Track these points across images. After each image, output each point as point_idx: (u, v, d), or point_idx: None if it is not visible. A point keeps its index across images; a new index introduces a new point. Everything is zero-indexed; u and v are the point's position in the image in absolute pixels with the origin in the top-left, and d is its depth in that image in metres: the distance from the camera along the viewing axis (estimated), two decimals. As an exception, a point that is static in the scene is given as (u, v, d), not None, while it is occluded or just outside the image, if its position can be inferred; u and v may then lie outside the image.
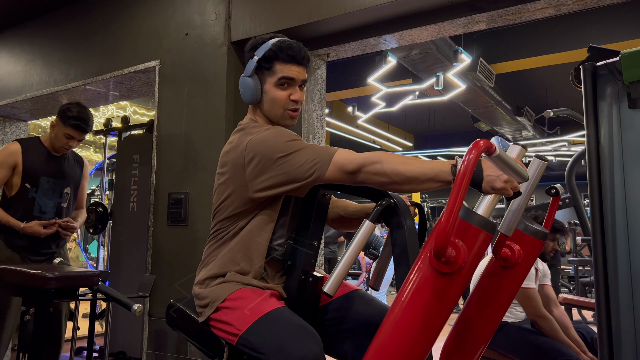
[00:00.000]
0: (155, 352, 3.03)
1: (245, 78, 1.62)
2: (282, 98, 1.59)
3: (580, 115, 2.32)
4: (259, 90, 1.61)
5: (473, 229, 1.18)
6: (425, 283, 1.19)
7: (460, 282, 1.19)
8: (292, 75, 1.59)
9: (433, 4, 2.53)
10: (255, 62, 1.59)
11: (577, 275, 6.83)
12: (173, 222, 3.03)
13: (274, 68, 1.58)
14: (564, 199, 3.82)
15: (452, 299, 1.20)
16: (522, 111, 8.81)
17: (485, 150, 1.10)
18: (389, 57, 5.85)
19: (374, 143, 11.11)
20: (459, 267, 1.16)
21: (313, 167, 1.42)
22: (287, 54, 1.57)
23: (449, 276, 1.17)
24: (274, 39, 1.61)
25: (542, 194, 2.88)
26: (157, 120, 3.23)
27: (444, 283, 1.18)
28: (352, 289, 1.65)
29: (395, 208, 1.48)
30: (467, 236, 1.18)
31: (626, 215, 1.54)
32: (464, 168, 1.07)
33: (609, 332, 1.53)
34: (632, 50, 1.54)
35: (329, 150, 1.44)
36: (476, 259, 1.19)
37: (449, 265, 1.16)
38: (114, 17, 3.61)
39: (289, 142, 1.47)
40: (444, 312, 1.20)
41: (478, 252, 1.19)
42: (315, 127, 3.07)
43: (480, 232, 1.18)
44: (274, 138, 1.49)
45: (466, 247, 1.17)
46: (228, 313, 1.47)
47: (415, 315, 1.20)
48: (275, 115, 1.62)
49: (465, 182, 1.07)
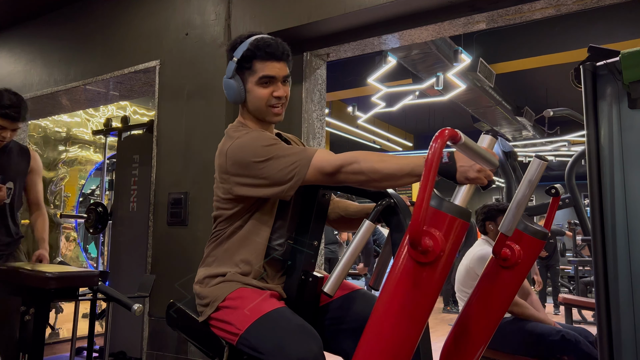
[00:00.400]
0: (155, 352, 3.03)
1: (227, 80, 1.62)
2: (265, 96, 1.60)
3: (580, 115, 2.32)
4: (242, 90, 1.61)
5: (448, 217, 1.20)
6: (406, 274, 1.21)
7: (440, 271, 1.20)
8: (272, 73, 1.59)
9: (433, 4, 2.53)
10: (235, 63, 1.59)
11: (577, 275, 6.83)
12: (173, 222, 3.03)
13: (254, 67, 1.58)
14: (564, 199, 3.82)
15: (434, 288, 1.21)
16: (522, 111, 8.81)
17: (450, 138, 1.11)
18: (389, 57, 5.85)
19: (374, 143, 11.11)
20: (436, 256, 1.17)
21: (292, 170, 1.44)
22: (265, 52, 1.57)
23: (428, 265, 1.19)
24: (252, 37, 1.60)
25: (542, 194, 2.88)
26: (157, 120, 3.23)
27: (423, 272, 1.20)
28: (353, 289, 1.65)
29: (395, 208, 1.48)
30: (443, 225, 1.20)
31: (626, 215, 1.54)
32: (430, 156, 1.09)
33: (609, 332, 1.53)
34: (632, 50, 1.54)
35: (308, 153, 1.45)
36: (454, 248, 1.21)
37: (427, 255, 1.18)
38: (114, 17, 3.61)
39: (266, 147, 1.49)
40: (426, 301, 1.22)
41: (455, 240, 1.21)
42: (315, 127, 3.07)
43: (455, 220, 1.20)
44: (252, 142, 1.51)
45: (443, 236, 1.19)
46: (228, 313, 1.47)
47: (398, 306, 1.22)
48: (260, 113, 1.64)
49: (433, 171, 1.09)
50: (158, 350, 3.02)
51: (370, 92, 7.70)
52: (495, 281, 1.57)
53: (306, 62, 3.00)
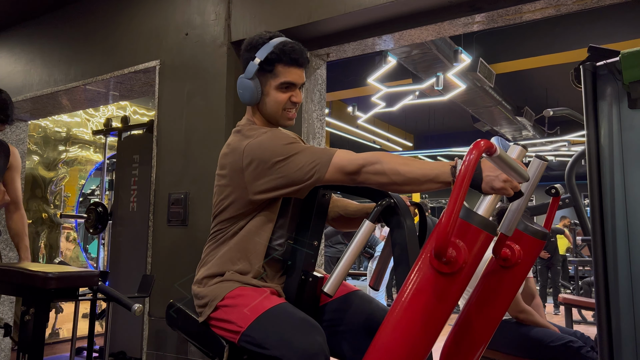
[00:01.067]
0: (155, 352, 3.03)
1: (245, 80, 1.59)
2: (284, 101, 1.59)
3: (580, 115, 2.32)
4: (259, 92, 1.59)
5: (473, 229, 1.18)
6: (426, 283, 1.19)
7: (461, 282, 1.19)
8: (295, 80, 1.58)
9: (433, 4, 2.53)
10: (257, 65, 1.56)
11: (577, 275, 6.83)
12: (173, 222, 3.03)
13: (275, 70, 1.56)
14: (564, 199, 3.81)
15: (453, 299, 1.20)
16: (522, 111, 8.81)
17: (486, 150, 1.10)
18: (389, 57, 5.86)
19: (374, 143, 11.11)
20: (459, 267, 1.16)
21: (312, 169, 1.42)
22: (290, 57, 1.55)
23: (450, 276, 1.17)
24: (275, 40, 1.58)
25: (542, 194, 2.88)
26: (157, 120, 3.23)
27: (444, 283, 1.18)
28: (352, 290, 1.65)
29: (395, 208, 1.48)
30: (467, 236, 1.18)
31: (626, 215, 1.54)
32: (464, 168, 1.07)
33: (609, 332, 1.53)
34: (632, 50, 1.54)
35: (328, 152, 1.44)
36: (476, 260, 1.19)
37: (450, 265, 1.16)
38: (114, 17, 3.61)
39: (287, 145, 1.47)
40: (444, 312, 1.21)
41: (478, 252, 1.19)
42: (315, 127, 3.07)
43: (480, 232, 1.19)
44: (271, 141, 1.49)
45: (467, 247, 1.17)
46: (228, 311, 1.47)
47: (415, 315, 1.20)
48: (274, 117, 1.62)
49: (465, 183, 1.08)
50: (158, 350, 3.02)
51: (370, 92, 7.71)
52: (495, 281, 1.57)
53: (306, 62, 3.00)
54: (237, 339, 1.43)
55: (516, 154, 1.34)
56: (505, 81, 7.73)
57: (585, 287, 6.53)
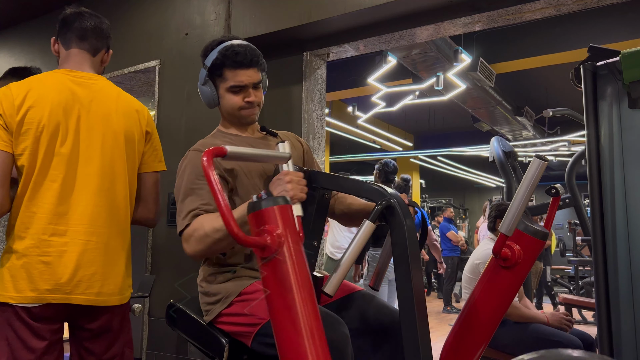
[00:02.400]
0: (155, 352, 3.03)
1: (200, 86, 1.69)
2: (237, 102, 1.65)
3: (580, 115, 2.32)
4: (215, 96, 1.67)
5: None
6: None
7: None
8: (242, 82, 1.62)
9: (433, 4, 2.53)
10: (205, 71, 1.65)
11: (577, 275, 6.82)
12: (173, 222, 3.03)
13: (224, 75, 1.63)
14: (564, 199, 3.82)
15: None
16: (522, 111, 8.81)
17: (215, 154, 1.14)
18: (389, 57, 5.86)
19: (374, 143, 11.11)
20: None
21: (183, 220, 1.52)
22: (233, 61, 1.60)
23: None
24: (221, 45, 1.63)
25: (542, 194, 2.88)
26: (157, 120, 3.23)
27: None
28: (353, 290, 1.65)
29: (395, 208, 1.48)
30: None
31: (626, 215, 1.54)
32: (205, 170, 1.11)
33: (609, 332, 1.53)
34: (632, 50, 1.54)
35: (187, 219, 1.51)
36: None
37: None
38: (114, 17, 3.62)
39: (186, 189, 1.57)
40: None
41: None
42: (315, 127, 3.07)
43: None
44: (184, 174, 1.61)
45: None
46: (245, 305, 1.47)
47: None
48: (234, 117, 1.70)
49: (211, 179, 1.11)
50: (158, 350, 3.02)
51: (370, 92, 7.70)
52: (495, 281, 1.57)
53: (306, 62, 3.00)
54: (254, 331, 1.43)
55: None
56: (505, 81, 7.73)
57: (587, 287, 6.53)
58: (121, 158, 1.63)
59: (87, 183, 1.55)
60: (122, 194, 1.64)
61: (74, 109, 1.56)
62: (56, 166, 1.51)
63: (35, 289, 1.45)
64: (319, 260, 2.89)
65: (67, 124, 1.54)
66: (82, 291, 1.49)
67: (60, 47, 1.69)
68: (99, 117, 1.60)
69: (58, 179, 1.51)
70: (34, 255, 1.46)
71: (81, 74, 1.64)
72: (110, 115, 1.62)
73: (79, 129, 1.56)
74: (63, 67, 1.65)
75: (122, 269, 1.61)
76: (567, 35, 6.10)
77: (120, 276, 1.59)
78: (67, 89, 1.57)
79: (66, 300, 1.48)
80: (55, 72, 1.62)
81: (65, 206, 1.51)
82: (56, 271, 1.47)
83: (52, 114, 1.51)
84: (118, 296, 1.58)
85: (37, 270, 1.45)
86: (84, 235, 1.52)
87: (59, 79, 1.58)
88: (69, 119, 1.54)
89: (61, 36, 1.69)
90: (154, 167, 1.80)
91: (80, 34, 1.67)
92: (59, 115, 1.52)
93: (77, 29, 1.67)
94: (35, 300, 1.45)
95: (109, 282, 1.55)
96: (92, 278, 1.51)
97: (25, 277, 1.45)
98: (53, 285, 1.46)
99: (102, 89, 1.65)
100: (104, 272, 1.54)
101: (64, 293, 1.47)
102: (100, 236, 1.55)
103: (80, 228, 1.52)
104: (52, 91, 1.54)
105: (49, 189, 1.49)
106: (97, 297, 1.52)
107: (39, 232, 1.47)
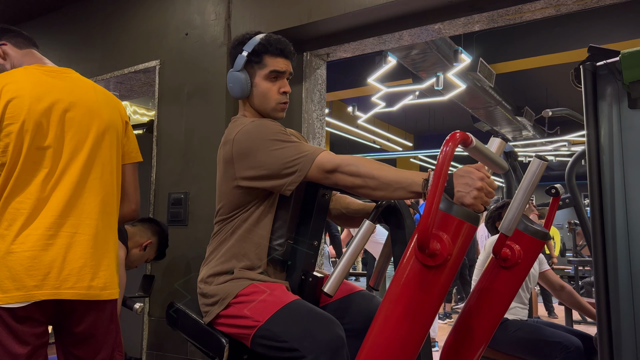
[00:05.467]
0: (155, 352, 3.03)
1: (235, 72, 1.64)
2: (273, 90, 1.63)
3: (580, 115, 2.32)
4: (249, 85, 1.64)
5: (456, 221, 1.17)
6: (412, 276, 1.19)
7: (447, 275, 1.19)
8: (282, 68, 1.63)
9: (433, 4, 2.53)
10: (245, 57, 1.62)
11: (577, 275, 6.81)
12: (173, 222, 3.03)
13: (263, 61, 1.62)
14: (564, 199, 3.81)
15: (440, 291, 1.20)
16: (522, 111, 8.81)
17: (462, 142, 1.10)
18: (389, 57, 5.86)
19: (374, 143, 11.11)
20: (444, 259, 1.16)
21: (295, 164, 1.44)
22: (276, 47, 1.62)
23: (435, 269, 1.17)
24: (261, 34, 1.65)
25: (542, 194, 2.89)
26: (157, 120, 3.23)
27: (430, 276, 1.18)
28: (352, 290, 1.65)
29: (395, 208, 1.49)
30: (450, 228, 1.17)
31: (626, 215, 1.54)
32: (441, 160, 1.07)
33: (609, 332, 1.53)
34: (632, 50, 1.54)
35: (314, 149, 1.46)
36: (461, 251, 1.19)
37: (434, 258, 1.16)
38: (114, 17, 3.61)
39: (274, 136, 1.49)
40: (432, 304, 1.20)
41: (463, 244, 1.19)
42: (315, 127, 3.07)
43: (463, 223, 1.18)
44: (258, 132, 1.52)
45: (450, 239, 1.16)
46: (242, 307, 1.47)
47: (403, 309, 1.20)
48: (265, 109, 1.66)
49: (443, 174, 1.08)
50: (158, 350, 3.02)
51: (370, 92, 7.71)
52: (495, 281, 1.57)
53: (306, 62, 3.00)
54: (252, 334, 1.43)
55: (496, 147, 1.34)
56: (505, 81, 7.73)
57: (587, 287, 6.52)
58: (107, 149, 1.61)
59: (73, 175, 1.51)
60: (110, 186, 1.61)
61: (56, 102, 1.53)
62: (40, 160, 1.48)
63: (22, 286, 1.39)
64: (319, 260, 2.89)
65: (48, 117, 1.51)
66: (71, 285, 1.43)
67: (11, 48, 1.67)
68: (84, 109, 1.58)
69: (42, 173, 1.48)
70: (19, 252, 1.40)
71: (52, 68, 1.63)
72: (92, 107, 1.60)
73: (62, 121, 1.53)
74: (26, 64, 1.62)
75: (111, 261, 1.56)
76: (567, 35, 6.10)
77: (110, 269, 1.54)
78: (44, 82, 1.54)
79: (55, 295, 1.42)
80: (26, 67, 1.59)
81: (51, 200, 1.47)
82: (43, 265, 1.41)
83: (31, 108, 1.48)
84: (109, 290, 1.53)
85: (23, 266, 1.39)
86: (71, 227, 1.47)
87: (33, 73, 1.56)
88: (51, 111, 1.51)
89: (10, 40, 1.67)
90: (133, 157, 1.77)
91: (26, 36, 1.70)
92: (40, 109, 1.49)
93: (20, 34, 1.70)
94: (23, 298, 1.39)
95: (100, 276, 1.49)
96: (81, 271, 1.45)
97: (10, 276, 1.39)
98: (40, 281, 1.40)
99: (78, 80, 1.64)
100: (93, 265, 1.48)
101: (52, 288, 1.41)
102: (88, 227, 1.50)
103: (67, 220, 1.47)
104: (28, 84, 1.51)
105: (32, 184, 1.46)
106: (88, 291, 1.46)
107: (23, 227, 1.43)
